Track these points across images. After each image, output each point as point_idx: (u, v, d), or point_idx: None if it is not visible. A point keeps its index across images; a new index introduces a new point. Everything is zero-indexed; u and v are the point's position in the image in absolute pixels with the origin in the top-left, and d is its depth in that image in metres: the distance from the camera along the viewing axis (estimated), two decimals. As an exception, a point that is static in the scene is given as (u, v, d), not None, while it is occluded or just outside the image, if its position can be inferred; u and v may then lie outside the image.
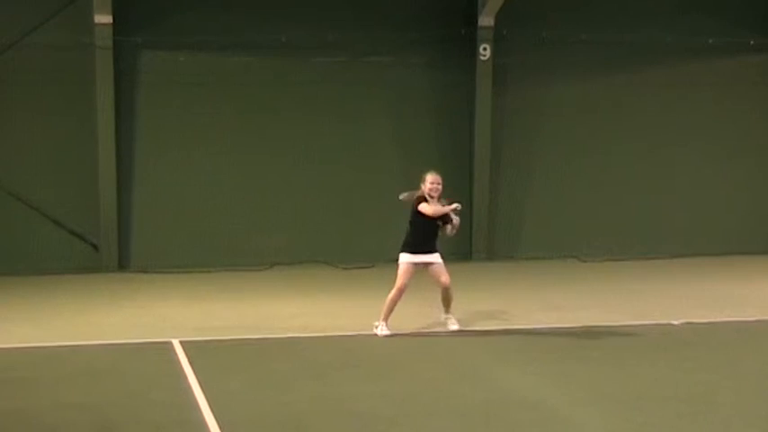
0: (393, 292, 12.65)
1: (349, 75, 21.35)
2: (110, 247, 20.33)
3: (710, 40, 22.39)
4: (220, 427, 8.10)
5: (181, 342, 11.97)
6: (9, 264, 19.71)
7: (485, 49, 21.36)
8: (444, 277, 12.77)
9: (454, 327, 12.95)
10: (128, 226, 20.64)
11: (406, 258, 12.76)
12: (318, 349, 11.78)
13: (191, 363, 10.76)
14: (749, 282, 17.99)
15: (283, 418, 8.47)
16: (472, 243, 21.80)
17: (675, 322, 13.32)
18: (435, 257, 12.81)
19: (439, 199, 12.87)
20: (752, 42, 22.77)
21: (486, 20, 21.24)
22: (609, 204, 22.59)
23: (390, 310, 12.71)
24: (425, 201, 12.82)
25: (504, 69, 21.74)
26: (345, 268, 20.28)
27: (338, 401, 9.07)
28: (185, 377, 10.10)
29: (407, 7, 21.67)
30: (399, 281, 12.67)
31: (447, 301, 12.96)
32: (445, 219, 12.82)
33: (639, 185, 22.59)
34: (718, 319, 13.70)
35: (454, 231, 12.95)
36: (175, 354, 11.38)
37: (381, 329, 12.61)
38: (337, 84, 21.28)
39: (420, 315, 13.63)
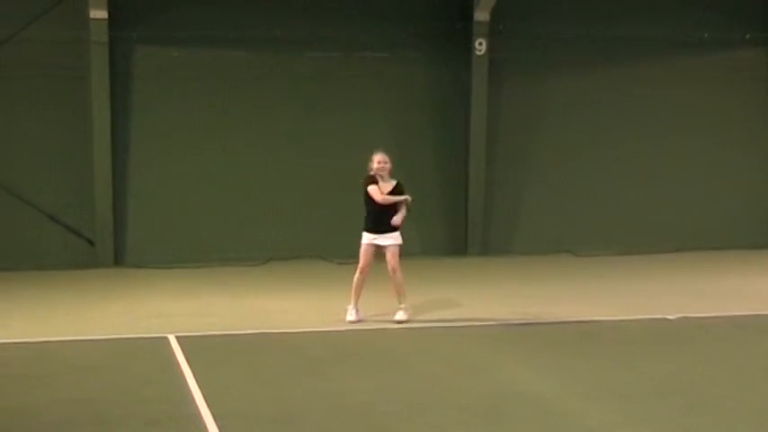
0: (356, 273, 12.97)
1: (344, 69, 21.33)
2: (105, 243, 20.32)
3: (706, 35, 22.40)
4: (216, 422, 8.10)
5: (176, 337, 11.97)
6: (4, 259, 19.67)
7: (480, 43, 21.34)
8: (392, 261, 12.81)
9: (399, 316, 12.97)
10: (123, 221, 20.61)
11: (364, 239, 13.12)
12: (313, 344, 11.78)
13: (186, 358, 10.76)
14: (745, 276, 18.01)
15: (278, 413, 8.47)
16: (467, 238, 21.81)
17: (671, 317, 13.33)
18: (390, 238, 12.85)
19: (389, 178, 13.13)
20: (748, 36, 22.78)
21: (481, 15, 21.22)
22: (604, 199, 22.60)
23: (355, 292, 13.06)
24: (374, 182, 12.90)
25: (499, 64, 21.72)
26: (340, 263, 20.26)
27: (333, 396, 9.06)
28: (181, 372, 10.10)
29: (403, 2, 21.63)
30: (360, 262, 13.00)
31: (396, 289, 12.98)
32: (396, 206, 12.89)
33: (635, 180, 22.61)
34: (714, 314, 13.72)
35: (398, 222, 12.91)
36: (171, 349, 11.37)
37: (349, 315, 12.99)
38: (332, 78, 21.27)
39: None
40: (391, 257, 12.94)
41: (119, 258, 20.52)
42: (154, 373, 10.14)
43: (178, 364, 10.48)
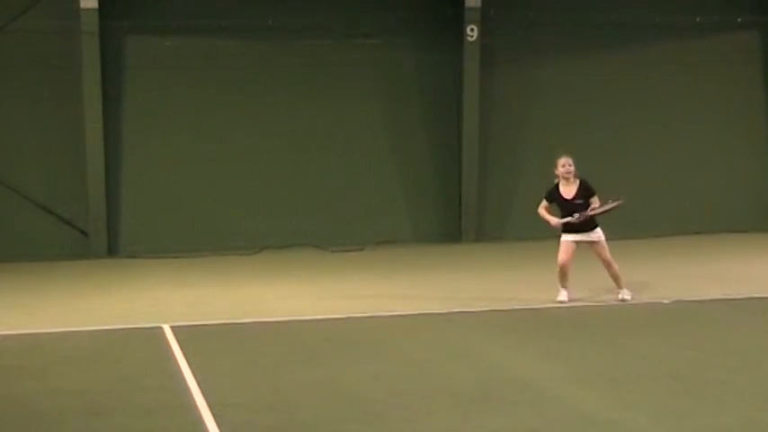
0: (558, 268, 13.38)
1: (336, 57, 21.32)
2: (98, 233, 20.31)
3: (698, 19, 22.40)
4: (211, 411, 8.09)
5: (171, 327, 11.96)
6: (-3, 250, 19.69)
7: (472, 29, 21.33)
8: (603, 253, 13.24)
9: (626, 296, 13.31)
10: (116, 212, 20.61)
11: (563, 237, 13.41)
12: (309, 332, 11.77)
13: (181, 347, 10.75)
14: (740, 259, 18.03)
15: (275, 402, 8.46)
16: (461, 224, 21.82)
17: (666, 300, 13.34)
18: (592, 235, 13.23)
19: (573, 179, 13.39)
20: (739, 20, 22.78)
21: (472, 1, 21.22)
22: (599, 183, 22.46)
23: (561, 283, 13.37)
24: (550, 193, 13.39)
25: (491, 50, 21.71)
26: (335, 251, 20.27)
27: (330, 384, 9.06)
28: (176, 362, 10.08)
29: (394, -12, 21.65)
30: (559, 257, 13.36)
31: (613, 278, 13.44)
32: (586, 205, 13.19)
33: (629, 164, 22.61)
34: (708, 297, 13.73)
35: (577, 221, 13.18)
36: (166, 339, 11.36)
37: (559, 296, 13.30)
38: (324, 66, 21.26)
39: (398, 292, 13.63)
40: (602, 251, 13.17)
41: (112, 249, 20.52)
42: (149, 363, 10.13)
43: (173, 354, 10.47)
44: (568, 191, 13.21)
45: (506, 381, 9.06)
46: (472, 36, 21.35)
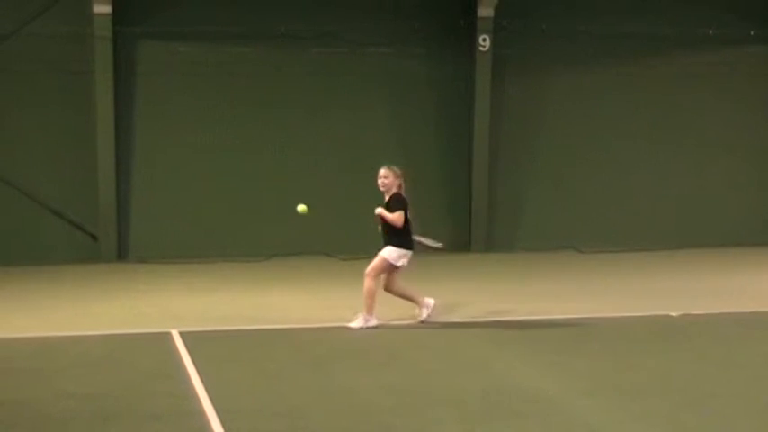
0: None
1: (348, 66, 21.36)
2: (109, 238, 20.35)
3: (711, 32, 22.39)
4: (219, 417, 8.11)
5: (180, 332, 11.97)
6: (8, 254, 19.73)
7: (484, 40, 21.35)
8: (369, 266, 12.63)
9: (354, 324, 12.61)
10: (126, 216, 20.66)
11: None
12: (317, 340, 11.78)
13: (189, 353, 10.76)
14: (748, 274, 18.01)
15: (282, 409, 8.48)
16: (471, 234, 21.83)
17: (674, 314, 13.32)
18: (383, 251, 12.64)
19: (389, 192, 12.63)
20: (752, 33, 22.77)
21: (485, 10, 21.24)
22: (608, 196, 22.60)
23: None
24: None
25: (503, 60, 21.73)
26: (344, 259, 20.29)
27: (337, 392, 9.07)
28: (184, 367, 10.10)
29: (407, -2, 21.69)
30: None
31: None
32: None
33: (639, 177, 22.61)
34: (716, 311, 13.71)
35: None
36: (174, 344, 11.38)
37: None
38: (336, 75, 21.29)
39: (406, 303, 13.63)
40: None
41: (122, 253, 20.57)
42: (157, 369, 10.14)
43: (181, 360, 10.48)
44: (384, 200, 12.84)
45: (513, 392, 9.06)
46: (484, 46, 21.37)
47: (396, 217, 12.39)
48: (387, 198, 12.67)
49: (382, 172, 12.73)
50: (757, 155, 23.19)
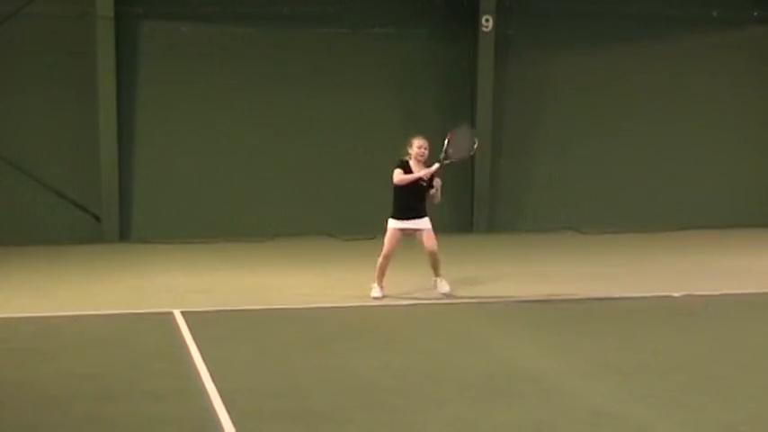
0: (380, 258, 12.96)
1: (351, 46, 21.31)
2: (111, 218, 20.35)
3: (714, 13, 22.33)
4: (221, 397, 8.12)
5: (182, 312, 11.99)
6: (11, 234, 19.74)
7: (487, 20, 21.29)
8: (429, 243, 12.80)
9: (445, 289, 13.06)
10: (129, 197, 20.65)
11: (391, 224, 12.98)
12: (319, 320, 11.80)
13: (192, 333, 10.78)
14: (750, 254, 18.01)
15: (284, 388, 8.50)
16: (473, 215, 21.84)
17: (676, 294, 13.33)
18: (422, 223, 12.84)
19: (425, 163, 12.94)
20: (755, 14, 22.70)
21: (488, -9, 21.19)
22: (610, 177, 22.58)
23: (380, 275, 13.04)
24: (403, 166, 12.80)
25: (506, 41, 21.68)
26: (347, 239, 20.30)
27: (339, 372, 9.09)
28: (186, 347, 10.12)
29: (410, -22, 21.62)
30: (384, 247, 12.93)
31: (435, 266, 13.09)
32: (429, 182, 12.81)
33: (641, 158, 22.58)
34: (718, 292, 13.71)
35: (437, 196, 12.94)
36: (176, 324, 11.40)
37: (374, 291, 12.98)
38: (339, 55, 21.25)
39: (409, 282, 13.66)
40: (430, 239, 12.90)
41: (124, 234, 20.57)
42: (159, 349, 10.16)
43: (183, 340, 10.50)
44: (418, 171, 13.00)
45: (515, 372, 9.07)
46: (487, 27, 21.31)
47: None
48: (417, 166, 12.89)
49: (425, 143, 12.94)
50: (760, 136, 23.14)
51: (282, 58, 21.08)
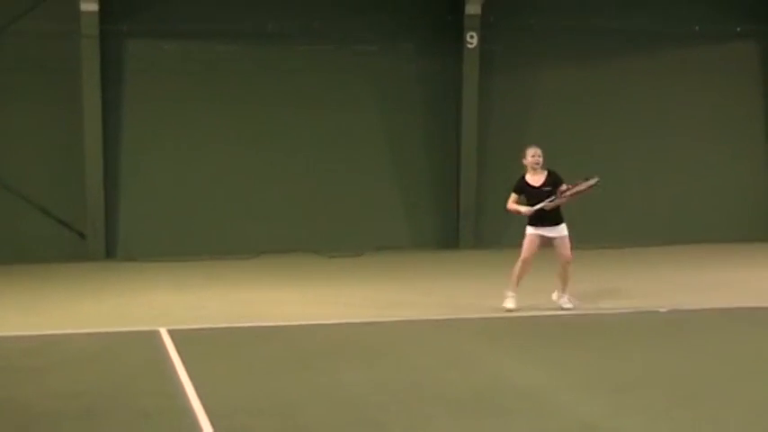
0: (517, 262, 13.15)
1: (335, 62, 21.31)
2: (97, 236, 20.28)
3: (697, 27, 22.40)
4: (208, 415, 8.09)
5: (168, 330, 11.93)
6: (-5, 252, 19.68)
7: (471, 36, 21.32)
8: (565, 252, 13.06)
9: (567, 305, 13.14)
10: (115, 214, 20.58)
11: (529, 230, 13.34)
12: (306, 337, 11.77)
13: (178, 351, 10.73)
14: (737, 269, 18.02)
15: (271, 406, 8.46)
16: (459, 230, 21.81)
17: (662, 309, 13.33)
18: (559, 230, 13.14)
19: (541, 169, 13.47)
20: (738, 29, 22.79)
21: (472, 7, 21.20)
22: (596, 192, 22.56)
23: (515, 281, 13.19)
24: (518, 185, 13.40)
25: (491, 57, 21.70)
26: (332, 257, 20.26)
27: (326, 389, 9.05)
28: (172, 365, 10.08)
29: (394, -5, 21.65)
30: (522, 253, 13.19)
31: (564, 278, 13.20)
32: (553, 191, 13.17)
33: (627, 173, 22.57)
34: (705, 306, 13.72)
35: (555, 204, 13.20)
36: (162, 342, 11.35)
37: (507, 302, 13.07)
38: (324, 72, 21.25)
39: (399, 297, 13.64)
40: (564, 247, 13.08)
41: (110, 251, 20.50)
42: (145, 367, 10.12)
43: (170, 358, 10.46)
44: (536, 179, 13.27)
45: (505, 388, 9.06)
46: (472, 43, 21.34)
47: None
48: (534, 174, 13.39)
49: (538, 150, 13.52)
50: (746, 150, 23.16)
51: (267, 76, 21.06)
